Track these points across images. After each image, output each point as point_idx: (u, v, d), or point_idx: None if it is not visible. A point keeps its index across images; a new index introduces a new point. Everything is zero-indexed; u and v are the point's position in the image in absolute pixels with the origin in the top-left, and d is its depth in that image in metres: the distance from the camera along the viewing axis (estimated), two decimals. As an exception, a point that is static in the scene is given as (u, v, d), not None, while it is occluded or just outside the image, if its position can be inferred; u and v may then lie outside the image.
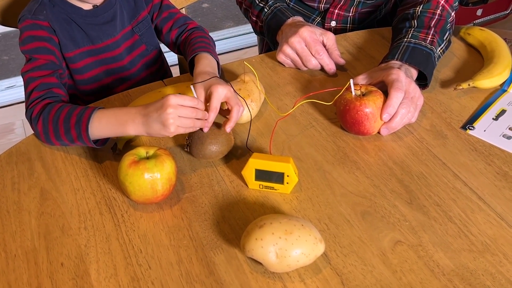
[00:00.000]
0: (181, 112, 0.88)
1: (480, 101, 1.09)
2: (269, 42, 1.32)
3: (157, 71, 1.30)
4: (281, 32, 1.24)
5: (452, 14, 1.21)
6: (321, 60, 1.17)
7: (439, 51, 1.15)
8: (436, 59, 1.12)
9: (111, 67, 1.19)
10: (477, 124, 1.03)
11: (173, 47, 1.26)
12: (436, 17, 1.16)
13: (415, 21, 1.16)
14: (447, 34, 1.17)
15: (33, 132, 1.02)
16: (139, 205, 0.89)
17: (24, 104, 1.01)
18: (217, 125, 0.95)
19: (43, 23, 1.06)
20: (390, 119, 0.98)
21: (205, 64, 1.06)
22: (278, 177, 0.88)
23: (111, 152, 0.98)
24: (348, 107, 0.96)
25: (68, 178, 0.94)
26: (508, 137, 0.99)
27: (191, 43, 1.17)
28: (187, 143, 0.94)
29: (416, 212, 0.87)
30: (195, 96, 0.94)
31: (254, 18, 1.35)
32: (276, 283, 0.77)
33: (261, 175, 0.88)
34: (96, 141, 0.95)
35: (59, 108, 0.96)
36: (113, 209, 0.89)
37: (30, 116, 0.98)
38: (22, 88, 1.04)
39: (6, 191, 0.92)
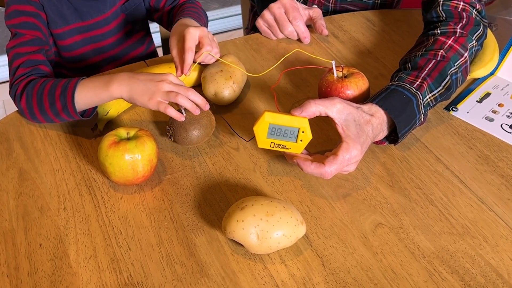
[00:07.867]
0: (175, 88, 0.87)
1: (467, 83, 1.09)
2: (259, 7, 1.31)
3: (144, 52, 1.29)
4: None
5: (465, 54, 0.99)
6: (297, 27, 1.18)
7: (430, 97, 0.93)
8: (422, 107, 0.91)
9: (99, 45, 1.18)
10: (461, 106, 1.03)
11: (167, 26, 1.24)
12: (437, 58, 0.96)
13: (409, 64, 0.97)
14: (447, 80, 0.95)
15: (15, 110, 1.00)
16: (120, 186, 0.88)
17: (3, 84, 0.99)
18: None
19: None
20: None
21: (186, 21, 1.05)
22: (292, 134, 0.85)
23: (91, 132, 0.97)
24: (330, 88, 0.95)
25: (48, 159, 0.93)
26: (491, 120, 1.00)
27: (178, 12, 1.15)
28: (170, 133, 0.92)
29: (397, 195, 0.87)
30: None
31: None
32: (257, 264, 0.77)
33: (275, 131, 0.85)
34: (82, 114, 0.93)
35: (44, 82, 0.94)
36: (93, 190, 0.88)
37: (14, 93, 0.95)
38: (2, 69, 1.01)
39: (-16, 172, 0.91)
